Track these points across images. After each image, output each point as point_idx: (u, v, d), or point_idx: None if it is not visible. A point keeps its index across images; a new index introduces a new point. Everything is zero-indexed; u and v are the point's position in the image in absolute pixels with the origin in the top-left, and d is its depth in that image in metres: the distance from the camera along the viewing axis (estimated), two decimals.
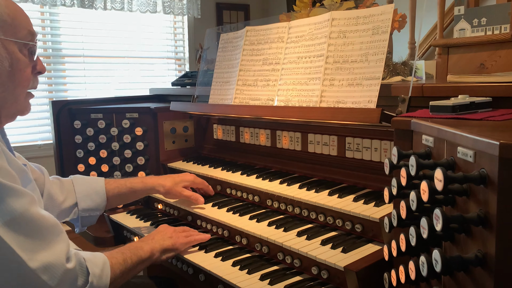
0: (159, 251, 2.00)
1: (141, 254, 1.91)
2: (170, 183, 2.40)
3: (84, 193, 2.25)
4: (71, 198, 2.23)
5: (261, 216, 2.16)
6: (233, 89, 2.59)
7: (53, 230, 1.52)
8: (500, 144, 0.94)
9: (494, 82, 1.65)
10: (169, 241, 2.06)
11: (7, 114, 1.71)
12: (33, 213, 1.47)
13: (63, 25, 5.44)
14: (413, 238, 1.20)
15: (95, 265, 1.63)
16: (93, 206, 2.27)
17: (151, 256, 1.96)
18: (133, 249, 1.90)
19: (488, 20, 2.97)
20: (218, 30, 3.27)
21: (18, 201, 1.44)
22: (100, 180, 2.35)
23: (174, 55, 6.43)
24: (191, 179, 2.48)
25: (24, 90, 1.72)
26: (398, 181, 1.30)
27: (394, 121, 1.52)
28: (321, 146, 2.32)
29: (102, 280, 1.63)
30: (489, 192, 1.01)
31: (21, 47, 1.66)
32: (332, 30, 2.13)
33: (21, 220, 1.43)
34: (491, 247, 1.00)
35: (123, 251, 1.85)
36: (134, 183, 2.39)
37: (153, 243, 2.01)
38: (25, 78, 1.69)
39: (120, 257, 1.80)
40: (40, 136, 5.26)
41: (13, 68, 1.63)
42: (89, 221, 2.30)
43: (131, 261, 1.84)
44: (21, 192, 1.46)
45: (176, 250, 2.07)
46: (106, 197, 2.30)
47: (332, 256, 1.71)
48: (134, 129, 2.99)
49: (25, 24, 1.68)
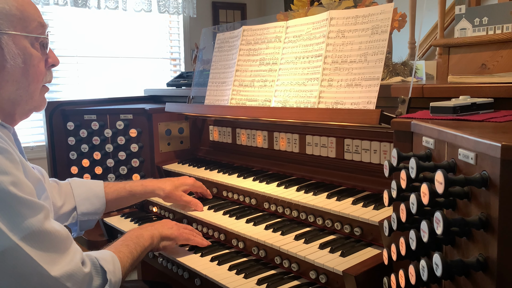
0: (157, 237, 2.02)
1: (143, 243, 1.93)
2: (170, 187, 2.40)
3: (83, 196, 2.24)
4: (70, 202, 2.22)
5: (258, 220, 2.15)
6: (229, 90, 2.59)
7: (66, 241, 1.53)
8: (502, 146, 0.94)
9: (496, 82, 1.65)
10: (169, 230, 2.07)
11: (22, 111, 1.68)
12: (48, 228, 1.47)
13: (56, 24, 5.43)
14: (413, 241, 1.19)
15: (107, 262, 1.65)
16: (92, 210, 2.26)
17: (151, 242, 1.98)
18: (134, 238, 1.92)
19: (490, 20, 2.97)
20: (214, 29, 3.26)
21: (36, 216, 1.44)
22: (99, 183, 2.34)
23: (169, 55, 6.43)
24: (191, 182, 2.48)
25: (38, 86, 1.69)
26: (398, 183, 1.29)
27: (394, 123, 1.52)
28: (319, 148, 2.32)
29: (116, 275, 1.65)
30: (490, 195, 1.01)
31: (32, 41, 1.63)
32: (331, 29, 2.13)
33: (39, 235, 1.44)
34: (492, 251, 1.00)
35: (127, 243, 1.86)
36: (134, 186, 2.38)
37: (153, 230, 2.03)
38: (39, 73, 1.67)
39: (126, 250, 1.82)
40: (32, 138, 5.25)
41: (26, 64, 1.61)
42: (88, 225, 2.30)
43: (136, 251, 1.86)
44: (38, 206, 1.46)
45: (175, 240, 2.08)
46: (105, 201, 2.29)
47: (331, 260, 1.71)
48: (129, 131, 2.99)
49: (35, 15, 1.64)
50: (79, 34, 5.59)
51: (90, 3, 5.40)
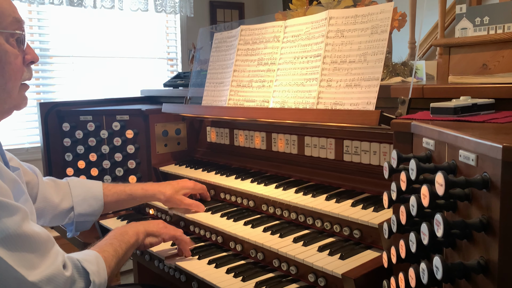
0: (142, 233, 2.00)
1: (128, 239, 1.91)
2: (171, 191, 2.39)
3: (81, 197, 2.24)
4: (67, 201, 2.21)
5: (256, 222, 2.15)
6: (227, 90, 2.59)
7: (47, 244, 1.51)
8: (503, 147, 0.94)
9: (497, 83, 1.65)
10: (155, 227, 2.07)
11: (2, 110, 1.66)
12: (26, 230, 1.44)
13: (51, 24, 5.42)
14: (413, 244, 1.19)
15: (90, 263, 1.63)
16: (90, 211, 2.25)
17: (136, 239, 1.96)
18: (119, 236, 1.90)
19: (491, 19, 2.97)
20: (211, 29, 3.26)
21: (12, 218, 1.41)
22: (98, 184, 2.33)
23: (166, 55, 6.42)
24: (191, 186, 2.48)
25: (17, 83, 1.66)
26: (397, 185, 1.29)
27: (394, 124, 1.52)
28: (318, 149, 2.32)
29: (101, 276, 1.63)
30: (491, 197, 1.01)
31: (7, 37, 1.60)
32: (330, 29, 2.13)
33: (16, 238, 1.41)
34: (494, 254, 1.00)
35: (111, 242, 1.85)
36: (134, 190, 2.38)
37: (137, 226, 2.02)
38: (16, 71, 1.64)
39: (110, 248, 1.80)
40: (27, 139, 5.23)
41: (2, 62, 1.58)
42: (84, 226, 2.29)
43: (121, 249, 1.84)
44: (14, 207, 1.44)
45: (160, 236, 2.07)
46: (104, 202, 2.28)
47: (330, 263, 1.71)
48: (125, 132, 2.98)
49: (10, 11, 1.61)
50: (74, 33, 5.56)
51: (86, 2, 5.39)
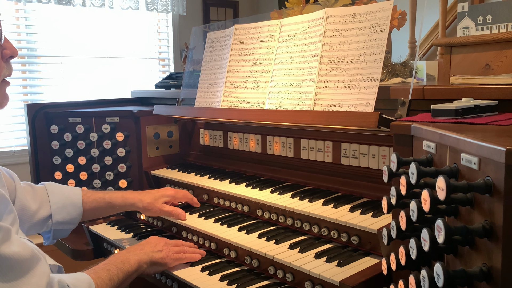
0: (147, 263, 1.97)
1: (128, 269, 1.88)
2: (150, 199, 2.38)
3: (59, 204, 2.21)
4: (45, 209, 2.17)
5: (251, 227, 2.15)
6: (221, 92, 2.58)
7: (30, 264, 1.45)
8: (506, 150, 0.94)
9: (500, 84, 1.65)
10: (159, 254, 2.02)
11: None
12: (5, 252, 1.38)
13: (39, 23, 5.41)
14: (413, 250, 1.19)
15: None
16: (68, 219, 2.23)
17: (138, 268, 1.93)
18: (119, 263, 1.87)
19: (494, 18, 2.98)
20: (205, 28, 3.26)
21: None
22: (77, 190, 2.31)
23: (157, 55, 6.42)
24: (171, 193, 2.45)
25: None
26: (397, 190, 1.29)
27: (393, 126, 1.52)
28: (315, 152, 2.32)
29: None
30: (494, 202, 1.00)
31: None
32: (327, 28, 2.13)
33: None
34: (496, 261, 1.00)
35: (108, 268, 1.81)
36: (114, 198, 2.36)
37: (142, 254, 1.98)
38: None
39: (105, 275, 1.76)
40: (14, 142, 5.22)
41: None
42: (62, 234, 2.27)
43: (118, 278, 1.81)
44: None
45: (165, 265, 2.04)
46: (82, 210, 2.26)
47: (327, 270, 1.70)
48: (115, 134, 2.98)
49: None
50: (63, 33, 5.55)
51: (75, 1, 5.38)
